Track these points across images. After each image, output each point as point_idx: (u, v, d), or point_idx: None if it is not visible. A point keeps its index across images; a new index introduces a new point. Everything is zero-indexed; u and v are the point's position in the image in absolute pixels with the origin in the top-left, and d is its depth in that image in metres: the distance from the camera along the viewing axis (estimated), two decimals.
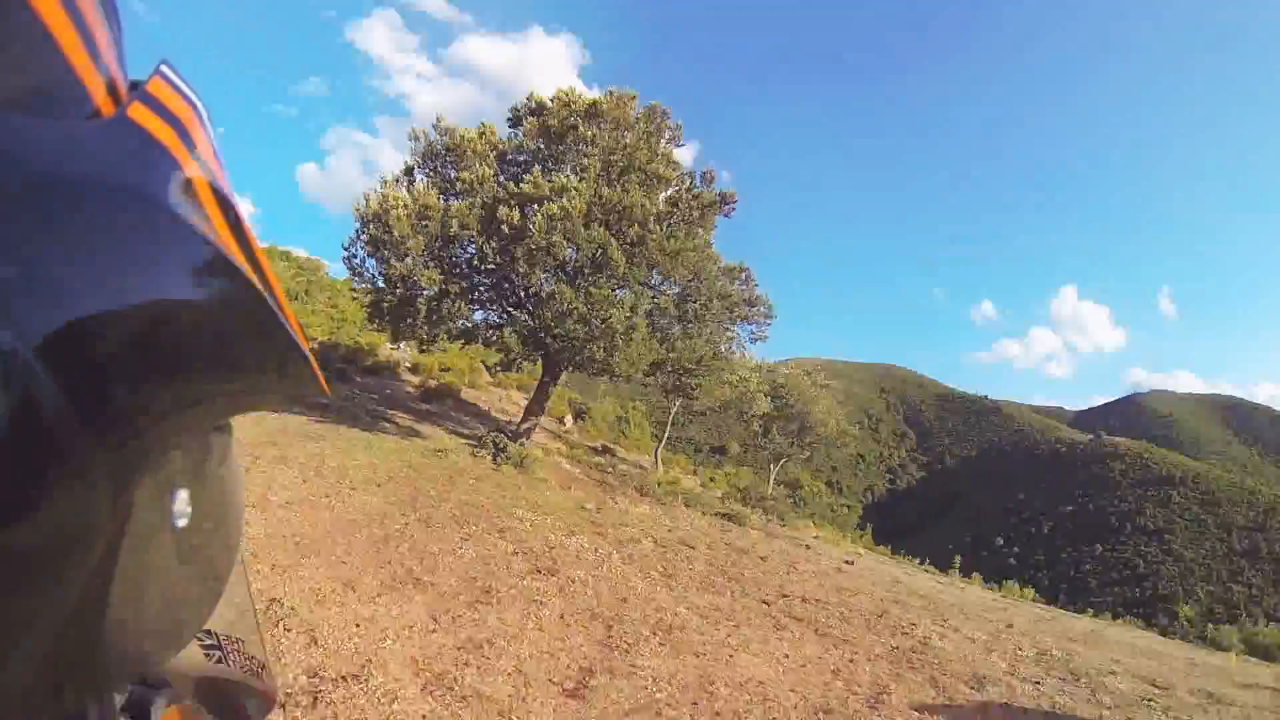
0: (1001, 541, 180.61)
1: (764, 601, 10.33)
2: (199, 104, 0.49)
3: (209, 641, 0.87)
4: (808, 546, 18.73)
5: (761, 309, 20.45)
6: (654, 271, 17.92)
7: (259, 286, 0.47)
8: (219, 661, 0.87)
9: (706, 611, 9.05)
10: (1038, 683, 8.79)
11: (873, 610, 11.42)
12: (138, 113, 0.44)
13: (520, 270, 16.34)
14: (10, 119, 0.36)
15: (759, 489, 27.28)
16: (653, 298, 17.90)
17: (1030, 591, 27.61)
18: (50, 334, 0.34)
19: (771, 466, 38.26)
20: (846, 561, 17.77)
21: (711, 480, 34.32)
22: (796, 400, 36.76)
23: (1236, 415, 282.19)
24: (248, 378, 0.49)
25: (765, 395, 34.44)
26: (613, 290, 16.85)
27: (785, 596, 11.00)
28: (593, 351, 16.68)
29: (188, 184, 0.44)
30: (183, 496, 0.49)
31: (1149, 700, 8.81)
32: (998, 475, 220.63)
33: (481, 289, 17.94)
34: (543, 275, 16.82)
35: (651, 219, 17.29)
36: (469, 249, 17.06)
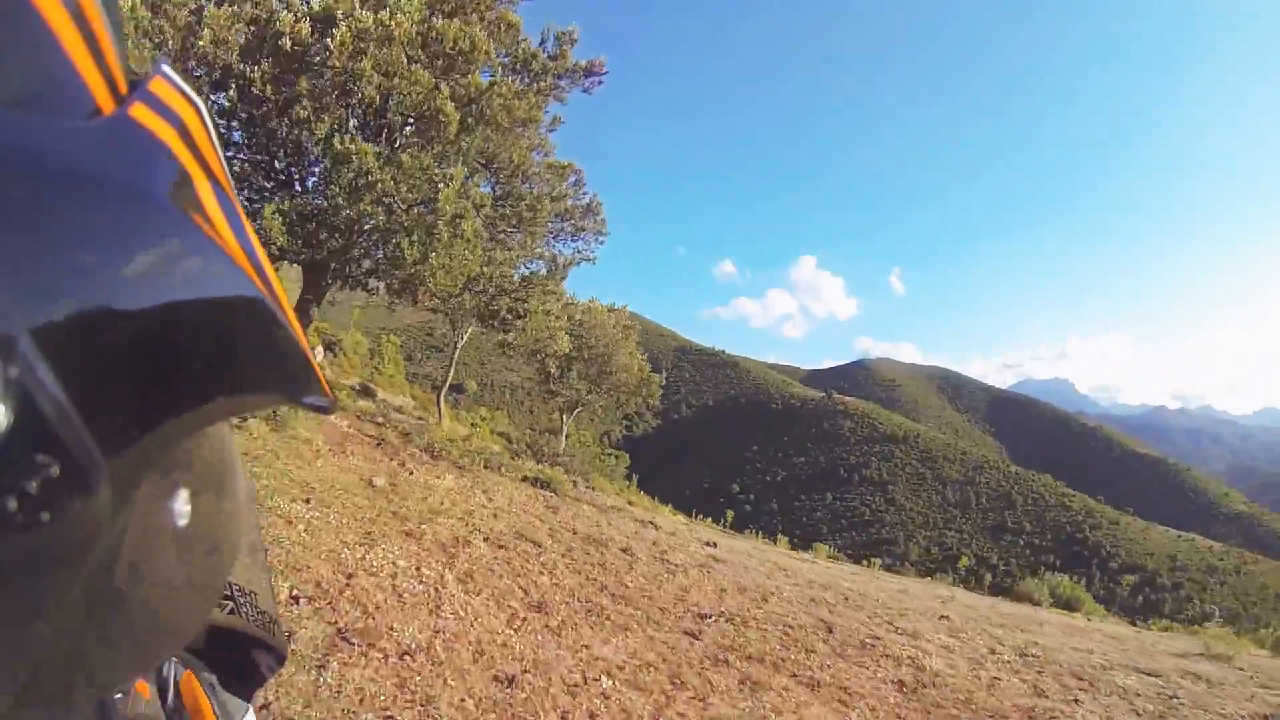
0: (738, 488, 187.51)
1: (688, 634, 7.85)
2: (200, 104, 0.48)
3: (223, 591, 0.90)
4: (655, 525, 15.39)
5: (596, 222, 16.35)
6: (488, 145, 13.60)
7: (260, 287, 0.46)
8: (232, 613, 0.89)
9: (633, 672, 6.29)
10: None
11: (815, 625, 9.51)
12: (139, 112, 0.43)
13: (302, 116, 11.28)
14: (11, 117, 0.36)
15: (552, 445, 24.14)
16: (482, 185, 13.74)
17: (825, 548, 26.70)
18: (51, 333, 0.34)
19: (563, 416, 34.00)
20: (709, 544, 14.80)
21: (474, 426, 30.04)
22: (598, 341, 32.25)
23: (950, 386, 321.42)
24: (248, 378, 0.48)
25: (565, 333, 28.06)
26: (435, 162, 12.15)
27: (704, 618, 8.57)
28: (400, 250, 11.91)
29: (189, 183, 0.44)
30: (183, 496, 0.48)
31: None
32: (733, 426, 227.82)
33: (236, 145, 12.58)
34: (333, 126, 11.51)
35: (500, 69, 13.11)
36: (226, 82, 11.40)
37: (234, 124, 12.15)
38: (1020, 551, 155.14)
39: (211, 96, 11.58)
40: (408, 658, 5.28)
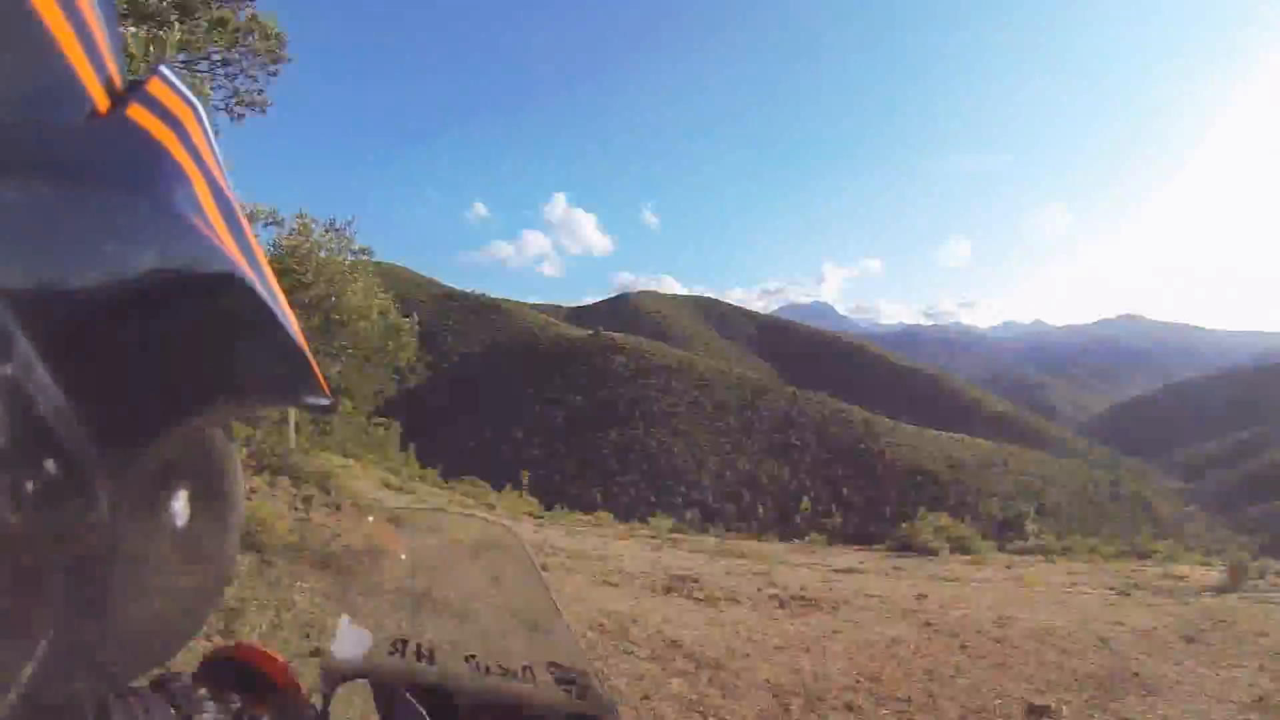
0: (521, 434, 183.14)
1: None
2: (198, 104, 0.50)
3: (560, 675, 1.01)
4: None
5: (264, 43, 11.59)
6: None
7: (259, 287, 0.47)
8: (579, 698, 0.99)
9: None
10: None
11: None
12: (136, 113, 0.43)
13: None
14: (8, 119, 0.36)
15: (276, 440, 17.50)
16: None
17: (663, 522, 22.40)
18: (49, 333, 0.34)
19: None
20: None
21: None
22: (317, 277, 22.82)
23: (716, 314, 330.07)
24: (247, 378, 0.49)
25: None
26: None
27: None
28: None
29: (187, 184, 0.45)
30: (183, 497, 0.49)
31: None
32: (505, 371, 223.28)
33: None
34: None
35: None
36: None
37: None
38: (810, 466, 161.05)
39: None
40: None
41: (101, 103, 0.41)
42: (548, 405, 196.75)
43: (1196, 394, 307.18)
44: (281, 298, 0.49)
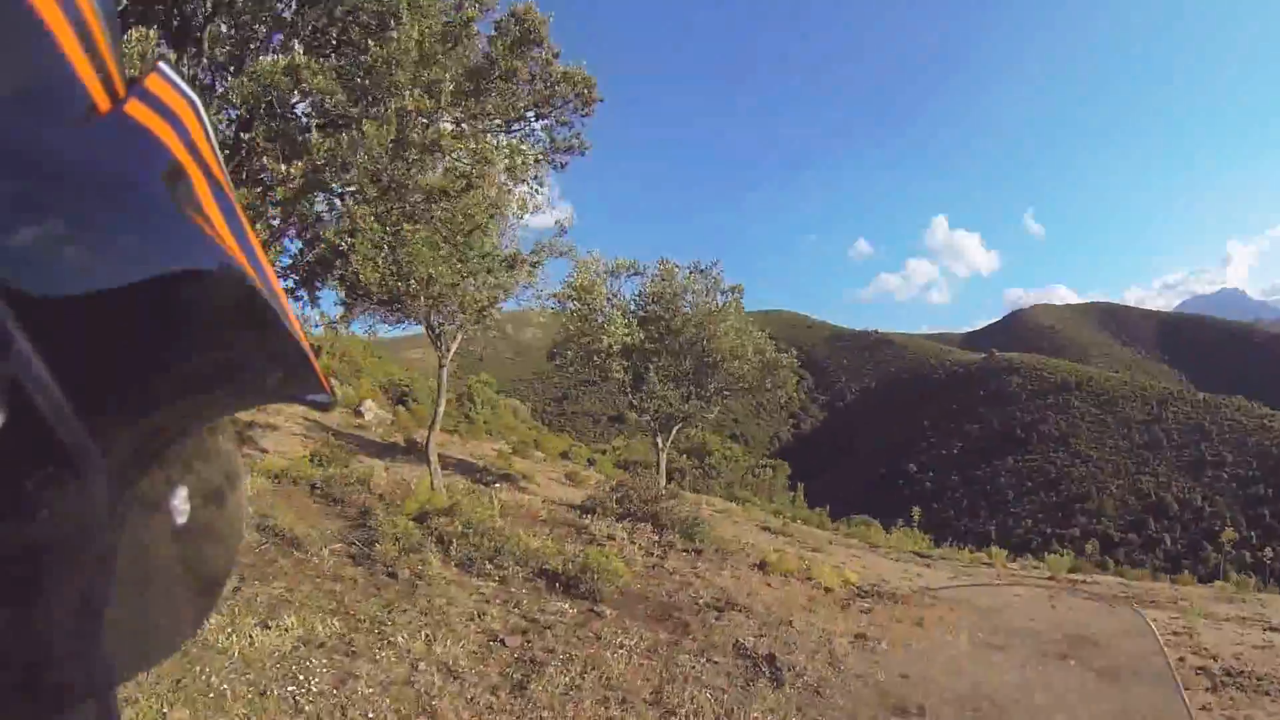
0: (915, 468, 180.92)
1: None
2: (198, 101, 0.50)
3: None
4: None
5: (571, 86, 13.41)
6: None
7: (258, 283, 0.47)
8: None
9: None
10: None
11: None
12: (135, 109, 0.44)
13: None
14: (7, 116, 0.36)
15: (644, 485, 17.58)
16: None
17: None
18: (49, 331, 0.34)
19: (657, 440, 24.29)
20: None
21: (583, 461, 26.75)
22: (685, 322, 23.54)
23: (1113, 319, 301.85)
24: (247, 375, 0.50)
25: (623, 314, 22.42)
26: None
27: None
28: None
29: (187, 181, 0.45)
30: (182, 493, 0.50)
31: None
32: (899, 404, 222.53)
33: None
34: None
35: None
36: None
37: None
38: (1226, 486, 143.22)
39: None
40: None
41: (100, 100, 0.42)
42: (942, 436, 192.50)
43: None
44: (282, 295, 0.50)
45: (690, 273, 23.91)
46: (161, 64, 0.48)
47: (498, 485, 17.33)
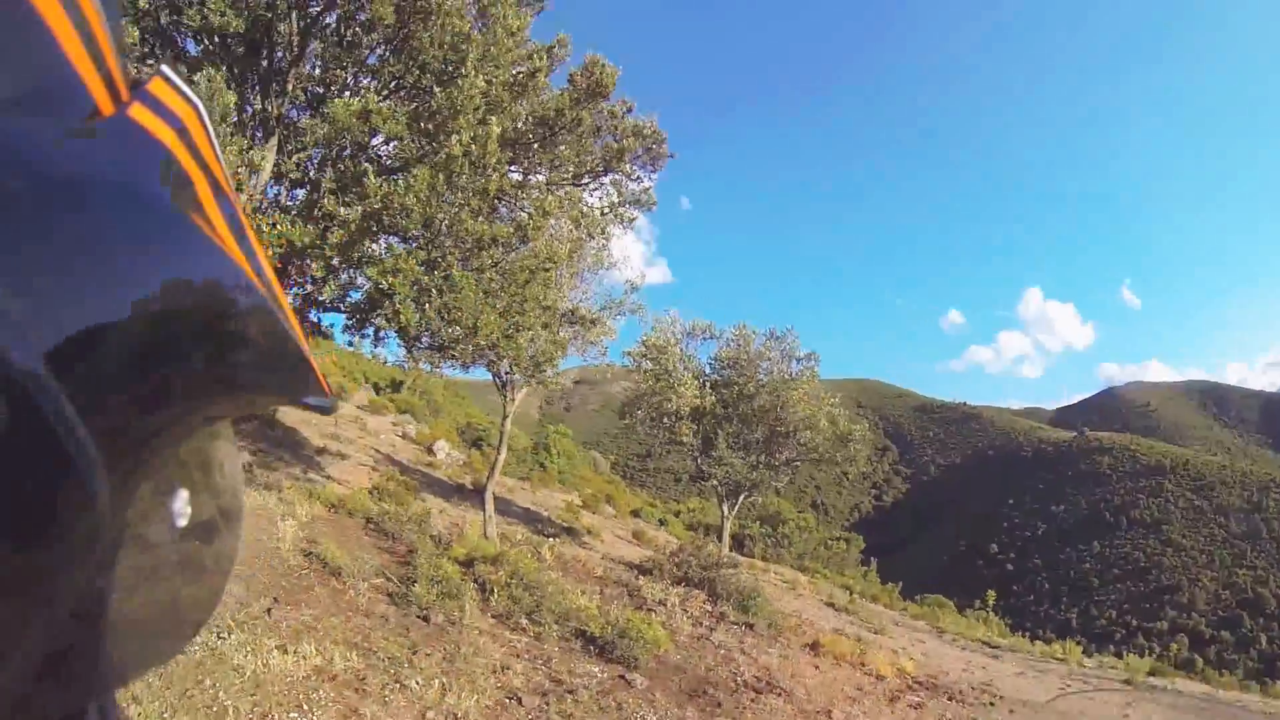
0: (996, 548, 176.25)
1: None
2: (200, 104, 0.50)
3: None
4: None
5: (647, 139, 13.50)
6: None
7: (260, 287, 0.48)
8: None
9: None
10: None
11: None
12: (138, 113, 0.44)
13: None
14: (9, 119, 0.36)
15: (704, 552, 16.85)
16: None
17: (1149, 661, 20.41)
18: (49, 333, 0.34)
19: (723, 507, 23.98)
20: None
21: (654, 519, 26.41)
22: (759, 388, 23.20)
23: (1213, 399, 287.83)
24: (247, 379, 0.50)
25: (695, 376, 22.61)
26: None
27: None
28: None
29: (189, 184, 0.46)
30: (183, 496, 0.49)
31: None
32: (984, 480, 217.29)
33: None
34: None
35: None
36: None
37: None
38: None
39: None
40: None
41: (103, 103, 0.42)
42: (1026, 516, 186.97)
43: None
44: (283, 299, 0.51)
45: (766, 339, 23.80)
46: (164, 67, 0.48)
47: (557, 538, 17.10)
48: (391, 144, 10.89)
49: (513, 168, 11.87)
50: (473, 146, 10.09)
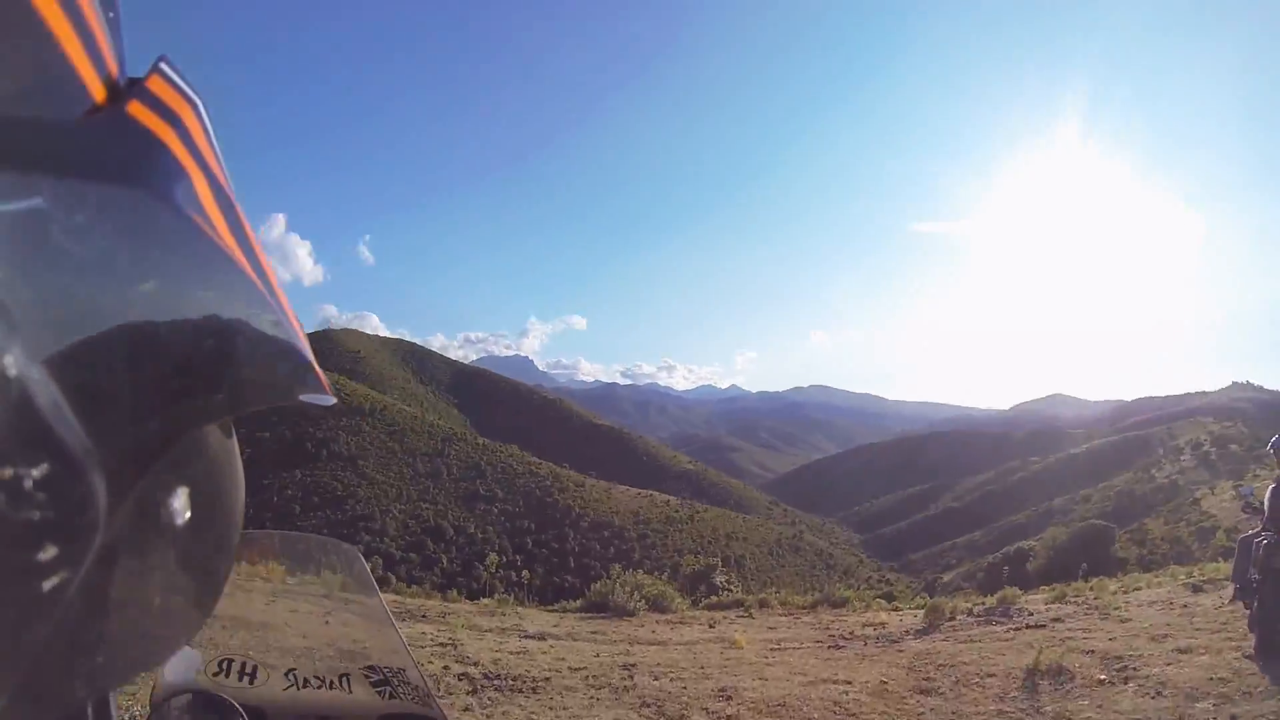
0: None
1: None
2: (199, 101, 0.49)
3: (376, 678, 1.09)
4: None
5: None
6: None
7: (260, 286, 0.47)
8: (392, 698, 1.07)
9: None
10: None
11: None
12: (137, 110, 0.43)
13: None
14: (6, 115, 0.36)
15: None
16: None
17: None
18: (48, 333, 0.34)
19: None
20: None
21: None
22: None
23: (414, 358, 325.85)
24: (246, 376, 0.49)
25: None
26: None
27: None
28: None
29: (187, 181, 0.45)
30: (182, 494, 0.49)
31: None
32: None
33: None
34: None
35: None
36: None
37: None
38: (496, 518, 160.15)
39: None
40: None
41: (101, 99, 0.41)
42: (241, 444, 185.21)
43: (874, 456, 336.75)
44: (283, 297, 0.50)
45: None
46: (163, 64, 0.47)
47: None
48: None
49: None
50: None
